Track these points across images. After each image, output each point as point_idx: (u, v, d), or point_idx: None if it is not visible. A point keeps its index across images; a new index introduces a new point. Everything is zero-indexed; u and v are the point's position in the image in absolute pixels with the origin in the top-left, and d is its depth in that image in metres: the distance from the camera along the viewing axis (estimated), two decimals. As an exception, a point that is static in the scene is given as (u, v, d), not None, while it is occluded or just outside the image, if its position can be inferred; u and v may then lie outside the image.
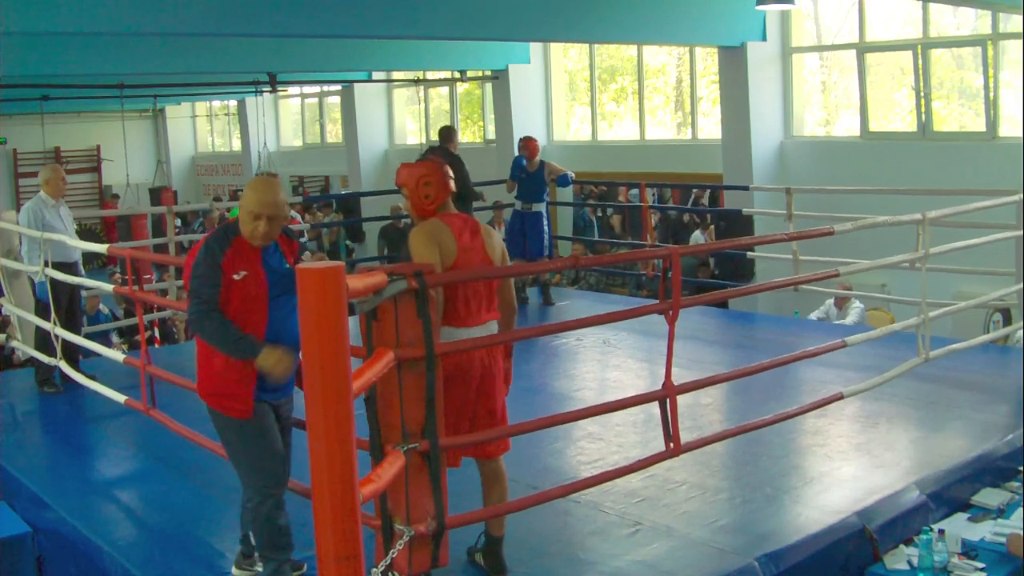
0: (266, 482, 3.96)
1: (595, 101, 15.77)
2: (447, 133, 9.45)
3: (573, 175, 10.23)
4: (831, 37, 13.04)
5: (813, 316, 10.02)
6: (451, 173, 4.22)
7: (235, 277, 3.82)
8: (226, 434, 4.01)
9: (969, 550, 4.57)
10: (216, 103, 25.06)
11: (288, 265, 3.98)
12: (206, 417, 4.05)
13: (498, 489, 4.16)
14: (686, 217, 14.29)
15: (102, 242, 10.66)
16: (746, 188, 11.04)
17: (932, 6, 11.28)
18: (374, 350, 3.55)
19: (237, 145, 24.15)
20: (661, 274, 4.21)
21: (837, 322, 9.68)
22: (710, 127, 14.26)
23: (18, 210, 7.83)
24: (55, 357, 6.91)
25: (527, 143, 9.76)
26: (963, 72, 11.89)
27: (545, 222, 9.72)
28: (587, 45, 15.38)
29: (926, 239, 6.03)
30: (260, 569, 4.09)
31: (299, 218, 16.99)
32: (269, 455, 3.96)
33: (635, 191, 13.60)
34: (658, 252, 4.50)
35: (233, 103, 23.62)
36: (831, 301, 9.91)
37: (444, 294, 3.96)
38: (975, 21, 11.24)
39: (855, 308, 9.73)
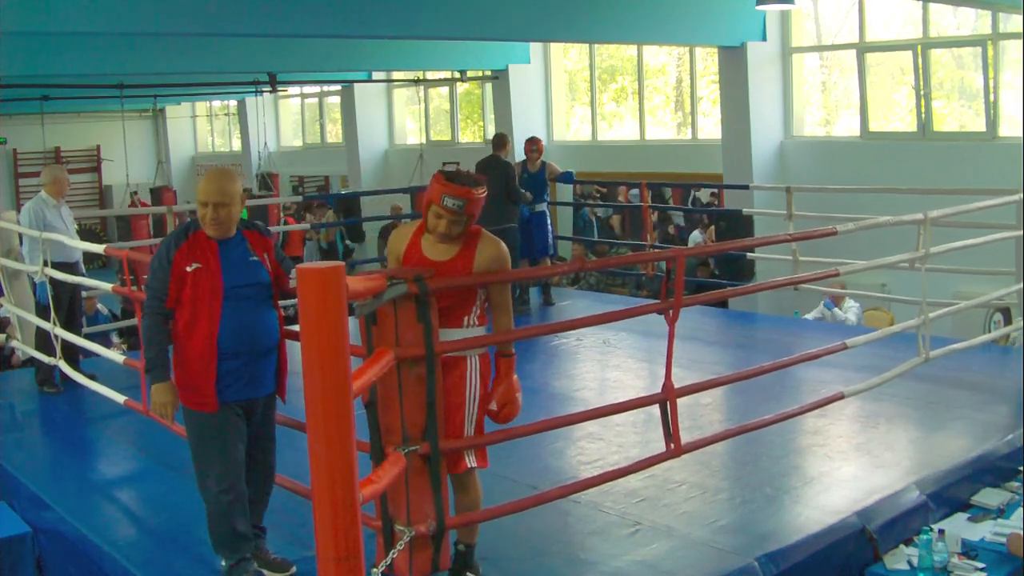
0: (216, 484, 3.96)
1: (595, 101, 15.77)
2: (499, 140, 9.52)
3: (574, 172, 10.41)
4: (831, 37, 13.04)
5: (809, 317, 10.02)
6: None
7: (188, 269, 3.90)
8: (188, 427, 4.04)
9: (969, 550, 4.57)
10: (216, 103, 25.05)
11: (255, 257, 4.00)
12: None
13: (465, 499, 3.99)
14: (682, 220, 14.30)
15: (102, 242, 10.65)
16: (746, 187, 11.04)
17: (932, 6, 11.28)
18: (373, 352, 3.55)
19: (237, 145, 24.14)
20: (664, 275, 4.22)
21: (835, 322, 9.68)
22: (710, 127, 14.26)
23: (18, 210, 7.82)
24: (55, 357, 6.91)
25: (538, 144, 9.80)
26: (963, 72, 11.89)
27: (548, 221, 9.82)
28: (587, 45, 15.37)
29: (926, 239, 6.03)
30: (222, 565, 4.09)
31: (293, 217, 17.02)
32: (221, 457, 3.95)
33: (635, 191, 13.60)
34: (662, 254, 4.50)
35: (233, 103, 23.60)
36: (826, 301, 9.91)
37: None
38: (975, 21, 11.24)
39: (851, 308, 9.74)
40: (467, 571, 4.01)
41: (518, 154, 10.51)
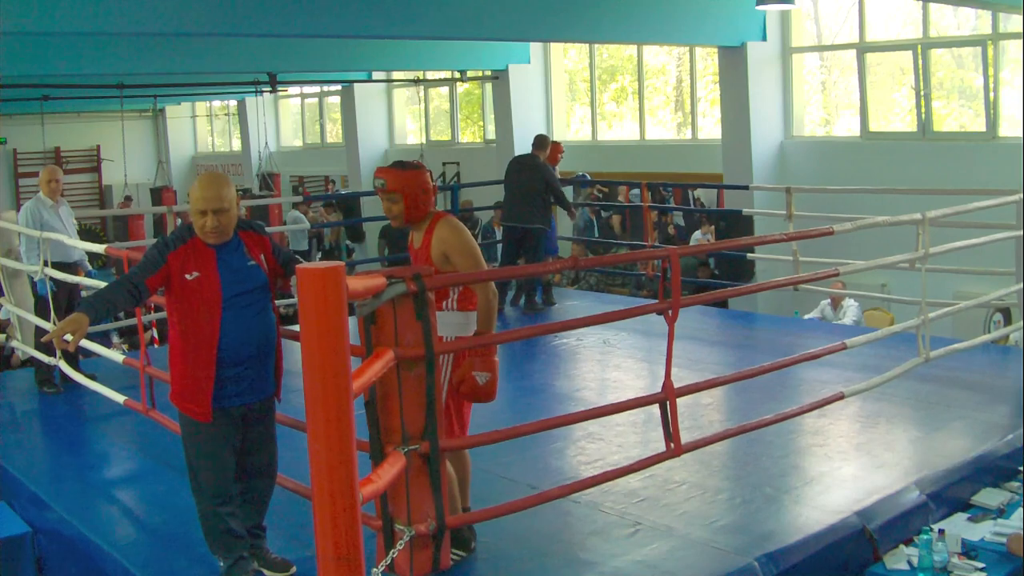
0: (208, 489, 3.97)
1: (595, 101, 15.77)
2: (540, 141, 9.58)
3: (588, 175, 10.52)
4: (831, 37, 13.05)
5: (809, 317, 10.02)
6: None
7: (187, 277, 3.83)
8: (183, 433, 4.04)
9: (969, 550, 4.57)
10: (216, 103, 25.05)
11: (253, 261, 3.96)
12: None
13: (461, 465, 4.26)
14: (682, 220, 14.30)
15: (103, 242, 10.65)
16: (746, 188, 11.04)
17: (932, 6, 11.28)
18: (373, 352, 3.55)
19: (237, 145, 24.15)
20: (660, 274, 4.23)
21: (835, 323, 9.69)
22: (710, 127, 14.26)
23: (18, 210, 7.83)
24: (55, 357, 6.91)
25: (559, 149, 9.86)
26: (963, 72, 11.89)
27: (552, 221, 9.82)
28: (587, 45, 15.38)
29: (926, 239, 6.03)
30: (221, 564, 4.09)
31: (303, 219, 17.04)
32: (213, 466, 3.95)
33: (635, 191, 13.60)
34: (658, 252, 4.51)
35: (233, 103, 23.61)
36: (826, 302, 9.92)
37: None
38: (975, 21, 11.25)
39: (851, 308, 9.73)
40: (458, 543, 4.11)
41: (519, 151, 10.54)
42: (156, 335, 11.29)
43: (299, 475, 4.00)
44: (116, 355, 6.82)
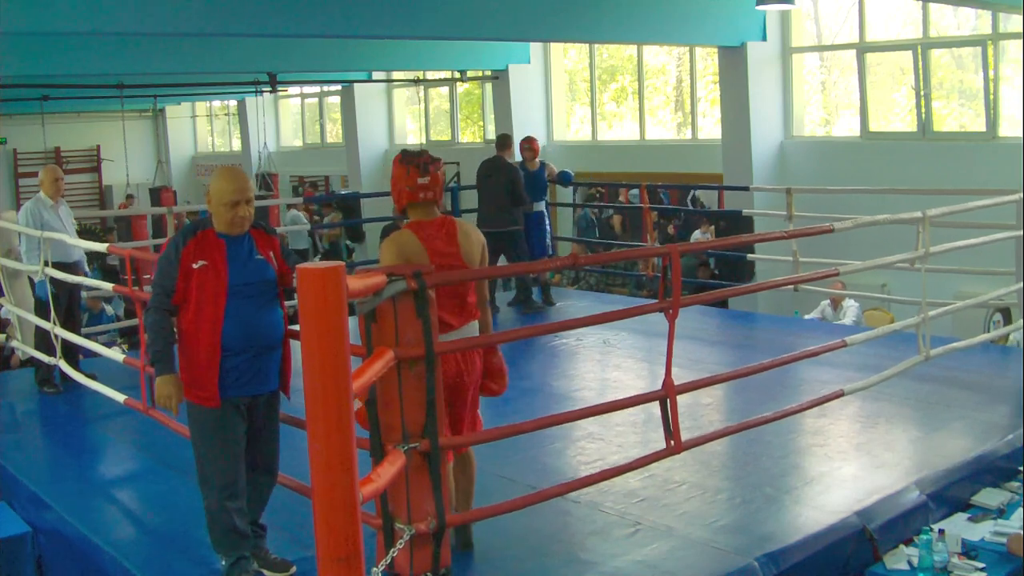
0: (216, 480, 3.98)
1: (595, 101, 15.78)
2: (502, 141, 9.54)
3: (572, 173, 10.48)
4: (831, 37, 13.05)
5: (809, 318, 10.01)
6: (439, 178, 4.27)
7: (194, 266, 3.91)
8: (190, 422, 4.07)
9: (969, 550, 4.57)
10: (216, 103, 25.06)
11: (261, 256, 4.02)
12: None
13: (468, 472, 4.27)
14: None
15: (103, 243, 10.64)
16: (746, 188, 11.03)
17: (932, 6, 11.28)
18: (373, 351, 3.56)
19: (237, 145, 24.15)
20: (661, 273, 4.23)
21: (835, 323, 9.68)
22: (710, 127, 14.27)
23: (19, 210, 7.84)
24: (55, 357, 6.91)
25: (532, 144, 9.81)
26: (963, 72, 11.89)
27: (546, 221, 9.81)
28: (587, 45, 15.39)
29: (926, 238, 6.02)
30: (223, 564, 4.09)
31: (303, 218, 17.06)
32: (223, 454, 3.97)
33: (635, 191, 13.60)
34: (656, 250, 4.51)
35: (233, 103, 23.62)
36: (826, 302, 9.91)
37: None
38: (975, 21, 11.25)
39: (851, 308, 9.73)
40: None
41: (516, 155, 10.52)
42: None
43: (299, 475, 4.00)
44: (116, 355, 6.81)
